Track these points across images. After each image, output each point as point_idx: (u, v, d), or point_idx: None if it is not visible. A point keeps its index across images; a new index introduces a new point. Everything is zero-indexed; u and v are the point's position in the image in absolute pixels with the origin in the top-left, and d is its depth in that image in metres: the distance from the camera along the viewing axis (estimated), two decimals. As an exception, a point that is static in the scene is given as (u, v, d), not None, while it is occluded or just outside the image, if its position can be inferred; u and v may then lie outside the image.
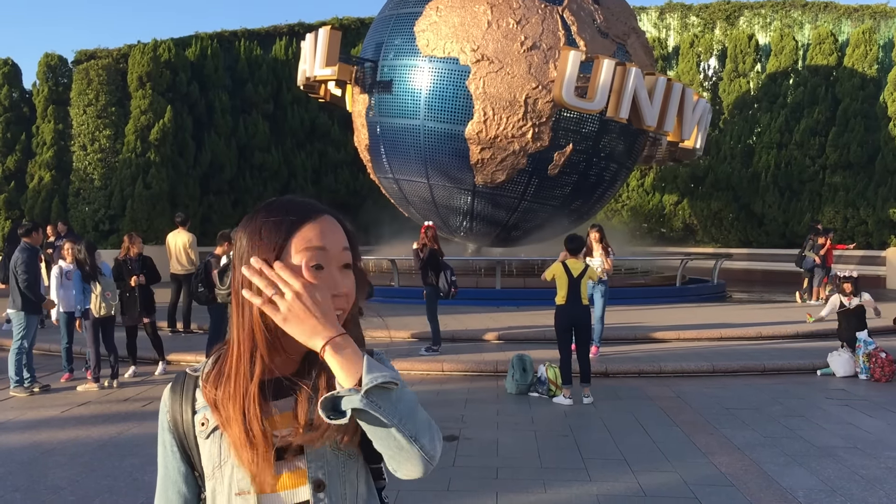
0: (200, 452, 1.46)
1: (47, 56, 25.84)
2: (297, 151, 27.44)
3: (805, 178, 25.63)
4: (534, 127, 16.28)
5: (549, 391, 9.07)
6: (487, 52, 16.16)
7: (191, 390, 1.50)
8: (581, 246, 9.50)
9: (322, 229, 1.42)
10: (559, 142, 16.69)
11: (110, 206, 24.03)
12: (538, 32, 16.22)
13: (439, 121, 16.76)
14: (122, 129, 24.50)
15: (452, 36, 16.43)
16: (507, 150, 16.52)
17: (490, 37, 16.20)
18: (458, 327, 13.06)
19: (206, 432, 1.45)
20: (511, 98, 16.14)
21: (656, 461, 6.50)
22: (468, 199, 17.78)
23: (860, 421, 8.00)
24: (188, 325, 13.46)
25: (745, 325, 13.60)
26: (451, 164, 17.07)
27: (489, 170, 16.81)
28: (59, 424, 7.79)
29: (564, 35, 16.31)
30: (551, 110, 16.25)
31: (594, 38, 16.61)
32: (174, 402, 1.50)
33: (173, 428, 1.49)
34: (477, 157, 16.66)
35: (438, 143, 16.97)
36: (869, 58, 25.34)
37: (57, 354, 10.87)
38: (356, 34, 28.48)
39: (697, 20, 30.15)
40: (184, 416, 1.48)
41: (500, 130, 16.30)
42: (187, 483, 1.49)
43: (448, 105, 16.58)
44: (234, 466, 1.42)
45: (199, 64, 26.29)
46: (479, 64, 16.15)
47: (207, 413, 1.45)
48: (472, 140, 16.50)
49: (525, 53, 16.17)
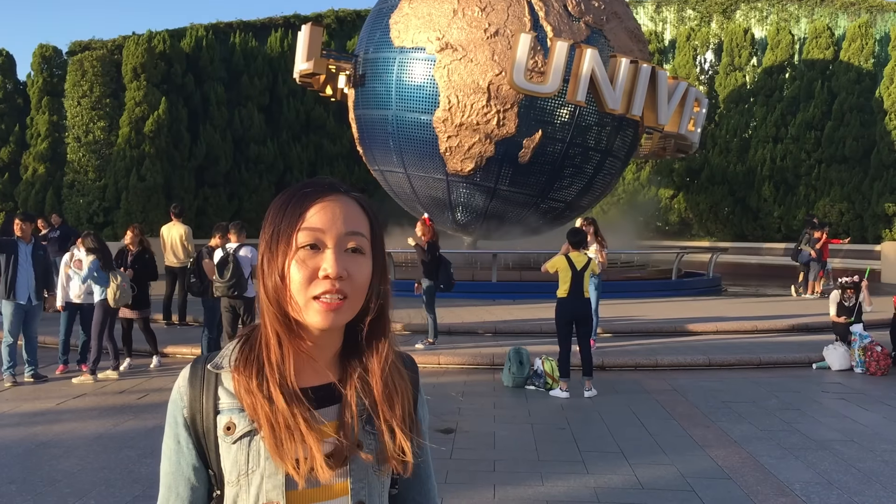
0: (221, 455, 1.37)
1: (42, 47, 25.69)
2: (293, 144, 27.36)
3: (801, 172, 25.66)
4: (498, 113, 16.37)
5: (546, 384, 9.08)
6: (452, 40, 16.39)
7: (212, 387, 1.40)
8: (584, 239, 9.53)
9: (324, 209, 1.35)
10: (530, 129, 16.67)
11: (105, 198, 23.93)
12: (503, 19, 16.30)
13: (409, 110, 17.13)
14: (116, 120, 24.38)
15: (421, 26, 16.78)
16: (473, 137, 16.65)
17: (455, 25, 16.45)
18: (455, 320, 13.05)
19: (234, 437, 1.36)
20: (475, 85, 16.28)
21: (653, 454, 6.50)
22: (444, 187, 17.94)
23: (856, 414, 8.02)
24: (183, 318, 13.43)
25: (740, 319, 13.61)
26: (422, 154, 17.37)
27: (458, 158, 16.96)
28: (54, 417, 7.76)
29: (531, 21, 16.30)
30: (515, 96, 16.30)
31: (563, 23, 16.51)
32: (194, 397, 1.40)
33: (191, 425, 1.39)
34: (445, 145, 16.89)
35: (410, 133, 17.32)
36: (865, 52, 25.35)
37: (52, 346, 10.84)
38: (352, 26, 28.44)
39: (694, 14, 30.12)
40: (205, 414, 1.38)
41: (465, 118, 16.48)
42: (199, 480, 1.40)
43: (416, 94, 16.93)
44: (263, 476, 1.34)
45: (195, 56, 26.17)
46: (444, 52, 16.43)
47: (235, 416, 1.36)
48: (439, 128, 16.77)
49: (489, 40, 16.25)
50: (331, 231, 1.34)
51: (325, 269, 1.32)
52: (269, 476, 1.34)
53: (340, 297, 1.33)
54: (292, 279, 1.33)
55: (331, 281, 1.32)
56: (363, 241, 1.38)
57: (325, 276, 1.32)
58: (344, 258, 1.34)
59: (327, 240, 1.34)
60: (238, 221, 10.63)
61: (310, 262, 1.33)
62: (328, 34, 27.93)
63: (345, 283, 1.33)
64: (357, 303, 1.37)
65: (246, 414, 1.36)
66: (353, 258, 1.36)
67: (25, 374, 9.42)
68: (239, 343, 1.43)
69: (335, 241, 1.34)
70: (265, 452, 1.34)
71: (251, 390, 1.35)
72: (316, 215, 1.35)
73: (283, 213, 1.36)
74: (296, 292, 1.33)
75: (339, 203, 1.38)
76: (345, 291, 1.34)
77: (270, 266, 1.36)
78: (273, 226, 1.37)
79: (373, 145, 18.72)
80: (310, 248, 1.34)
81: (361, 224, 1.39)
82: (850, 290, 11.04)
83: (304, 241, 1.33)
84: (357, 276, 1.35)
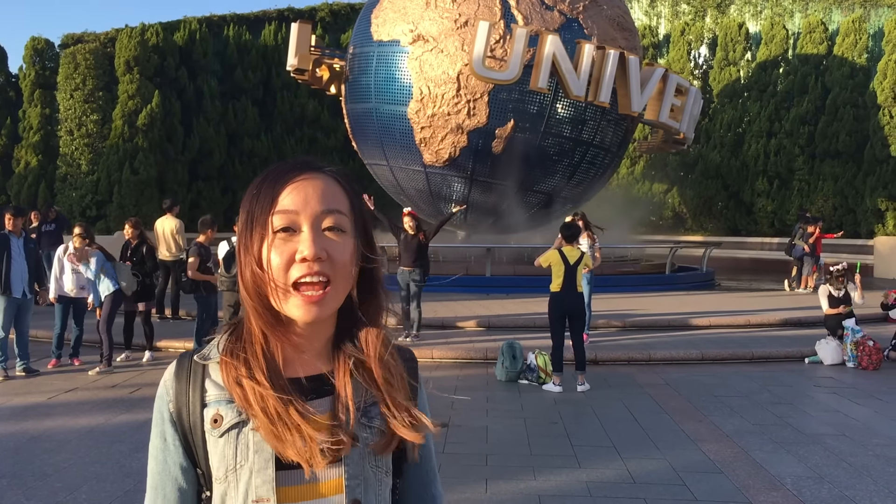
0: (208, 451, 1.31)
1: (34, 40, 25.57)
2: (287, 138, 27.28)
3: (794, 166, 25.70)
4: (468, 103, 16.41)
5: (539, 378, 9.09)
6: (423, 31, 16.54)
7: (199, 379, 1.33)
8: (577, 233, 9.55)
9: (297, 189, 1.28)
10: (502, 119, 16.64)
11: (97, 191, 23.85)
12: (474, 9, 16.32)
13: (387, 102, 17.35)
14: (109, 113, 24.28)
15: (397, 19, 17.00)
16: (445, 127, 16.71)
17: (427, 17, 16.58)
18: (449, 314, 13.04)
19: (221, 430, 1.29)
20: (445, 76, 16.37)
21: (645, 448, 6.51)
22: (423, 179, 18.04)
23: (848, 408, 8.05)
24: (176, 312, 13.40)
25: (733, 313, 13.64)
26: (401, 146, 17.57)
27: (433, 148, 17.06)
28: (46, 411, 7.74)
29: (501, 10, 16.29)
30: (485, 86, 16.29)
31: (535, 12, 16.42)
32: (179, 391, 1.33)
33: (177, 420, 1.33)
34: (419, 136, 17.03)
35: (389, 125, 17.55)
36: (859, 47, 25.38)
37: (43, 340, 10.80)
38: (346, 20, 28.34)
39: (688, 8, 30.11)
40: (191, 407, 1.32)
41: (436, 108, 16.60)
42: (187, 480, 1.33)
43: (391, 87, 17.16)
44: (252, 471, 1.27)
45: (188, 49, 26.06)
46: (416, 44, 16.62)
47: (222, 408, 1.30)
48: (413, 119, 16.93)
49: (458, 30, 16.29)
50: (305, 211, 1.27)
51: (301, 251, 1.25)
52: (259, 471, 1.27)
53: (322, 283, 1.26)
54: (270, 266, 1.26)
55: (308, 263, 1.25)
56: (342, 219, 1.31)
57: (302, 258, 1.25)
58: (322, 239, 1.27)
59: (302, 221, 1.27)
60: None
61: (286, 247, 1.26)
62: (322, 27, 27.89)
63: (325, 265, 1.26)
64: (342, 286, 1.31)
65: (234, 406, 1.29)
66: (332, 238, 1.29)
67: (17, 368, 9.39)
68: (227, 333, 1.37)
69: (311, 222, 1.27)
70: (254, 446, 1.28)
71: (240, 380, 1.29)
72: (289, 196, 1.28)
73: (257, 198, 1.30)
74: (275, 279, 1.27)
75: (314, 181, 1.31)
76: (326, 273, 1.26)
77: (247, 255, 1.29)
78: (247, 213, 1.30)
79: (360, 139, 19.11)
80: (284, 231, 1.27)
81: (339, 201, 1.32)
82: (840, 279, 11.05)
83: (278, 225, 1.27)
84: (338, 256, 1.28)
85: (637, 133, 25.55)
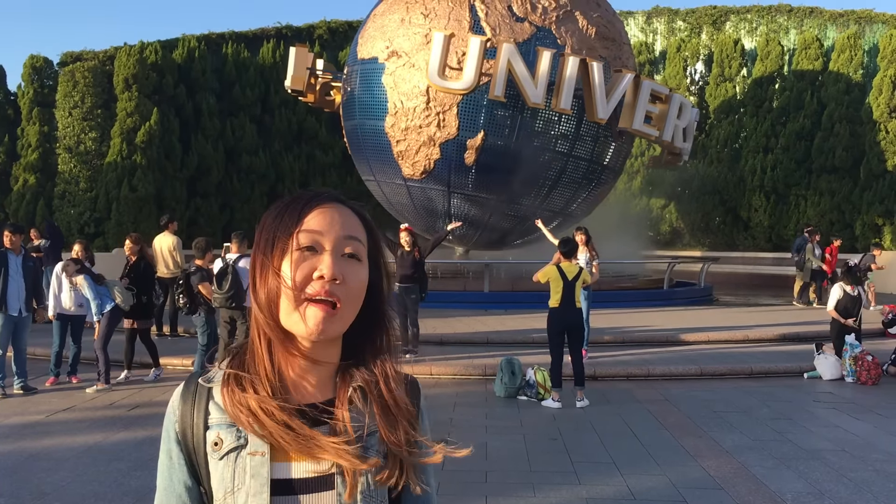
0: (210, 472, 1.34)
1: (33, 58, 25.63)
2: (285, 154, 27.34)
3: (791, 182, 25.79)
4: (438, 115, 16.59)
5: (538, 394, 9.08)
6: (397, 47, 16.89)
7: (203, 402, 1.37)
8: (574, 249, 9.56)
9: (322, 213, 1.35)
10: (472, 131, 16.68)
11: (96, 209, 23.85)
12: (444, 24, 16.50)
13: (368, 118, 17.77)
14: (107, 131, 24.32)
15: (377, 37, 17.53)
16: (419, 140, 16.91)
17: (401, 33, 16.93)
18: (447, 331, 13.04)
19: (221, 453, 1.33)
20: (417, 89, 16.60)
21: (645, 464, 6.50)
22: (405, 192, 18.22)
23: (847, 424, 8.04)
24: (175, 329, 13.38)
25: (732, 328, 13.64)
26: (382, 159, 17.92)
27: (410, 161, 17.30)
28: (44, 429, 7.71)
29: (471, 22, 16.42)
30: (453, 98, 16.42)
31: (505, 23, 16.47)
32: (185, 412, 1.38)
33: (182, 439, 1.37)
34: (396, 149, 17.30)
35: (371, 140, 17.98)
36: (854, 62, 25.54)
37: (41, 358, 10.78)
38: (344, 37, 28.48)
39: (684, 25, 30.33)
40: (195, 429, 1.36)
41: (409, 122, 16.87)
42: (192, 498, 1.37)
43: (371, 102, 17.56)
44: (248, 495, 1.30)
45: (186, 66, 26.16)
46: (391, 59, 17.02)
47: (223, 432, 1.34)
48: (390, 133, 17.24)
49: (429, 45, 16.41)
50: (328, 234, 1.33)
51: (321, 269, 1.30)
52: (255, 495, 1.29)
53: (332, 303, 1.30)
54: (288, 281, 1.31)
55: (323, 282, 1.30)
56: (360, 248, 1.37)
57: (319, 276, 1.30)
58: (340, 262, 1.33)
59: (325, 242, 1.33)
60: (241, 231, 10.59)
61: (306, 264, 1.31)
62: (320, 45, 28.04)
63: (338, 287, 1.31)
64: (349, 311, 1.35)
65: (234, 429, 1.33)
66: (349, 263, 1.34)
67: (15, 386, 9.37)
68: (231, 356, 1.41)
69: (333, 245, 1.33)
70: (251, 470, 1.31)
71: (240, 404, 1.32)
72: (314, 219, 1.34)
73: (281, 218, 1.35)
74: (289, 297, 1.30)
75: (339, 209, 1.37)
76: (337, 295, 1.31)
77: (264, 271, 1.34)
78: (270, 230, 1.35)
79: (354, 155, 19.65)
80: (307, 249, 1.32)
81: (359, 231, 1.39)
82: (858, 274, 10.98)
83: (303, 243, 1.32)
84: (352, 282, 1.34)
85: (635, 148, 25.67)
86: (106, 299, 9.77)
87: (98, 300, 9.70)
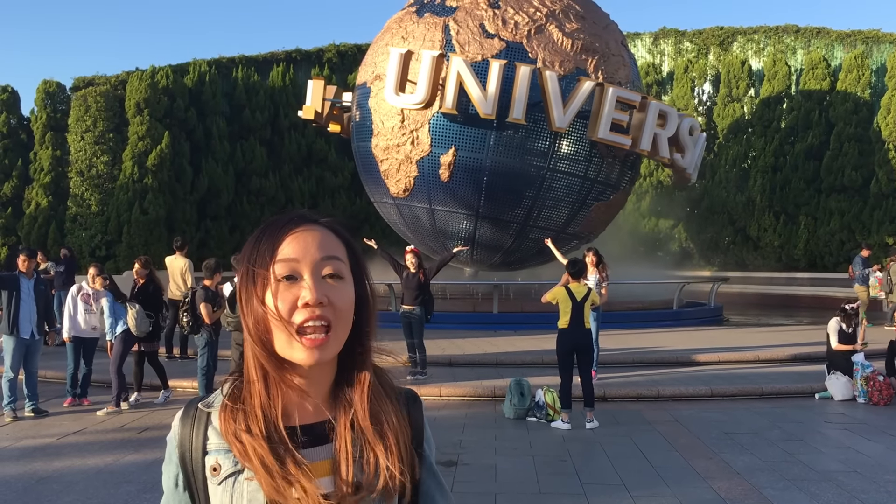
0: (209, 496, 1.36)
1: (46, 83, 25.99)
2: (295, 176, 27.54)
3: (800, 201, 25.76)
4: (412, 133, 16.86)
5: (548, 416, 9.04)
6: (380, 71, 17.25)
7: (202, 427, 1.39)
8: (583, 269, 9.56)
9: (296, 239, 1.35)
10: (444, 147, 16.74)
11: (107, 231, 24.04)
12: (419, 45, 16.73)
13: (361, 139, 18.28)
14: (119, 155, 24.58)
15: (369, 64, 18.27)
16: (398, 158, 17.22)
17: (384, 56, 17.21)
18: (456, 352, 13.03)
19: (219, 479, 1.35)
20: (393, 109, 16.90)
21: (655, 486, 6.46)
22: (395, 211, 18.47)
23: (859, 445, 7.98)
24: (185, 351, 13.41)
25: (742, 349, 13.58)
26: (374, 180, 18.34)
27: (393, 180, 17.59)
28: (54, 452, 7.74)
29: (443, 41, 16.62)
30: (424, 115, 16.64)
31: (475, 40, 16.54)
32: (184, 436, 1.39)
33: (181, 463, 1.39)
34: (382, 168, 17.68)
35: (363, 161, 18.58)
36: (862, 82, 25.58)
37: (54, 381, 10.82)
38: (353, 60, 28.73)
39: (691, 46, 30.46)
40: (193, 453, 1.38)
41: (389, 141, 17.22)
42: None
43: (364, 125, 18.06)
44: None
45: (197, 90, 26.45)
46: (374, 83, 17.49)
47: (221, 457, 1.35)
48: (375, 153, 17.70)
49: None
50: (305, 259, 1.33)
51: (303, 297, 1.31)
52: None
53: (324, 327, 1.31)
54: (273, 313, 1.31)
55: (311, 308, 1.30)
56: (340, 266, 1.37)
57: (304, 303, 1.30)
58: (322, 285, 1.33)
59: (302, 269, 1.33)
60: None
61: (289, 293, 1.32)
62: (329, 68, 28.30)
63: (326, 310, 1.31)
64: (342, 331, 1.35)
65: (231, 455, 1.34)
66: (331, 284, 1.34)
67: (26, 408, 9.40)
68: (231, 381, 1.43)
69: (311, 269, 1.33)
70: (247, 495, 1.31)
71: (236, 432, 1.33)
72: (288, 246, 1.34)
73: (257, 249, 1.36)
74: (280, 328, 1.31)
75: (311, 232, 1.37)
76: (327, 318, 1.31)
77: (249, 303, 1.35)
78: (248, 263, 1.36)
79: (360, 176, 20.07)
80: (286, 279, 1.32)
81: (337, 249, 1.38)
82: (853, 317, 10.96)
83: (281, 273, 1.32)
84: (338, 302, 1.33)
85: (643, 168, 25.69)
86: (121, 321, 9.84)
87: (111, 318, 9.77)
